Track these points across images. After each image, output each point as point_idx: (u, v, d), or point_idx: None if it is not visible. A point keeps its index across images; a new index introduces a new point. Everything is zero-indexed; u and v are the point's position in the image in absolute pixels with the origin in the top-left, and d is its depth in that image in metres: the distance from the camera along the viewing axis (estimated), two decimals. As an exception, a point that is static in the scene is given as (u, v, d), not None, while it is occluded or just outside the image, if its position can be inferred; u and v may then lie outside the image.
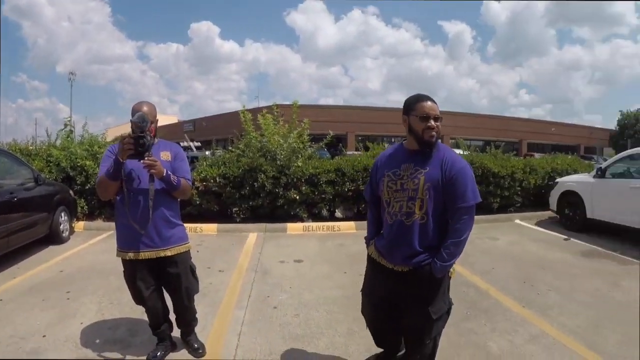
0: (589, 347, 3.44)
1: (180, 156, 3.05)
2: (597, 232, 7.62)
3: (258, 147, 8.66)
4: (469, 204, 2.27)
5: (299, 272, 5.45)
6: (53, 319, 3.95)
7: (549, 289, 4.76)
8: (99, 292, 4.61)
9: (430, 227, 2.34)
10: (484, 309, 4.19)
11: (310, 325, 3.84)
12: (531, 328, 3.79)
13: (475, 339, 3.59)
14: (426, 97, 2.36)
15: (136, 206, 2.83)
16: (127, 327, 3.77)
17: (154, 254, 2.90)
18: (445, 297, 2.47)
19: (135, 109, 2.78)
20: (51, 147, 9.40)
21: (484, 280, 5.02)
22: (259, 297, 4.52)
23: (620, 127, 51.75)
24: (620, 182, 7.34)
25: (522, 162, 10.13)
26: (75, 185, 8.43)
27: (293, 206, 8.22)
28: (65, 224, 7.14)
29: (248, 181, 8.08)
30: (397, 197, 2.39)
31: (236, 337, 3.60)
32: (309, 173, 8.22)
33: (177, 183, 2.85)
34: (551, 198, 8.89)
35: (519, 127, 46.97)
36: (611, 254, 6.38)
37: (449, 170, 2.27)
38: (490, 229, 8.16)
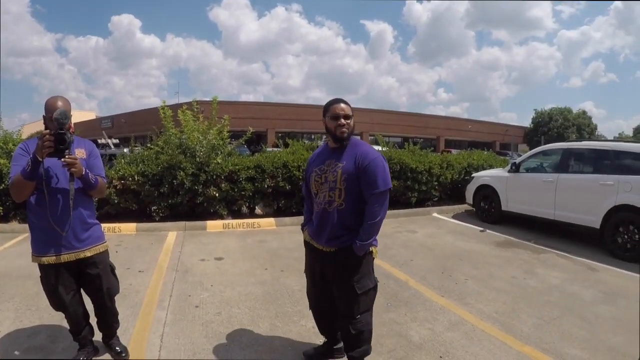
0: (506, 332, 3.78)
1: (95, 153, 2.98)
2: (511, 224, 8.31)
3: (177, 143, 8.53)
4: (380, 190, 2.63)
5: (220, 269, 5.51)
6: (-33, 330, 3.76)
7: (467, 278, 5.15)
8: (15, 299, 4.44)
9: (347, 211, 2.72)
10: (404, 300, 4.46)
11: (233, 322, 3.93)
12: (451, 316, 4.10)
13: (397, 328, 3.83)
14: (338, 100, 2.79)
15: (55, 206, 2.72)
16: (47, 334, 3.68)
17: (74, 255, 2.83)
18: (370, 276, 2.81)
19: (50, 104, 2.70)
20: (-37, 145, 8.73)
21: (403, 272, 5.32)
22: (180, 297, 4.53)
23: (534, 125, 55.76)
24: (533, 176, 7.99)
25: (439, 157, 10.71)
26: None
27: (213, 203, 8.22)
28: (-24, 227, 6.69)
29: (167, 179, 7.98)
30: (322, 189, 2.80)
31: (159, 338, 3.61)
32: (228, 170, 8.24)
33: (95, 182, 2.80)
34: (467, 192, 9.55)
35: (437, 124, 48.92)
36: (525, 243, 7.01)
37: (361, 162, 2.65)
38: (409, 222, 8.65)
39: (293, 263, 5.69)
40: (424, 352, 3.44)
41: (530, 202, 7.85)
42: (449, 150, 26.41)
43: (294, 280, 5.00)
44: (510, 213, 8.32)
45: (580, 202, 6.90)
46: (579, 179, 7.07)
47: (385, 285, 4.78)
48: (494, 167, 10.91)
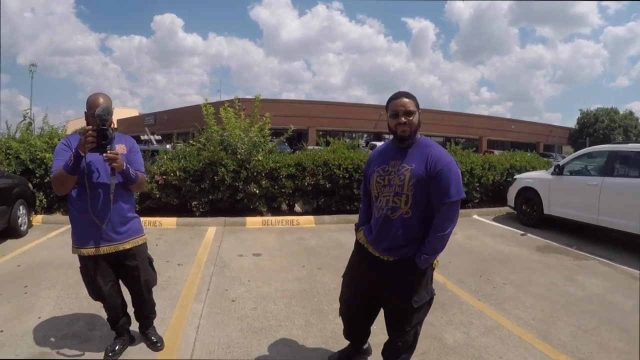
0: (543, 339, 3.58)
1: (135, 149, 3.02)
2: (553, 228, 7.93)
3: (219, 140, 8.57)
4: (453, 199, 2.30)
5: (258, 265, 5.48)
6: (9, 314, 3.87)
7: (505, 283, 4.93)
8: (57, 287, 4.54)
9: (414, 221, 2.40)
10: (441, 302, 4.27)
11: (268, 317, 3.89)
12: (487, 320, 3.92)
13: (431, 330, 3.68)
14: (400, 94, 2.45)
15: (96, 200, 2.77)
16: (85, 321, 3.73)
17: (113, 247, 2.87)
18: (427, 288, 2.54)
19: (92, 101, 2.73)
20: (10, 140, 9.08)
21: (441, 274, 5.13)
22: (217, 291, 4.53)
23: (579, 126, 53.57)
24: (577, 179, 7.58)
25: (481, 158, 10.38)
26: (34, 178, 8.18)
27: (253, 200, 8.22)
28: (24, 217, 6.94)
29: (208, 175, 8.03)
30: (384, 192, 2.46)
31: (194, 329, 3.61)
32: (269, 167, 8.21)
33: (135, 176, 2.83)
34: (509, 194, 9.15)
35: (479, 124, 47.80)
36: (566, 249, 6.66)
37: (433, 167, 2.32)
38: None
39: (330, 261, 5.60)
40: (458, 356, 3.32)
41: (573, 206, 7.45)
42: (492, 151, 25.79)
43: (331, 278, 4.88)
44: (553, 217, 7.93)
45: (625, 207, 6.49)
46: (624, 183, 6.65)
47: None
48: (537, 169, 10.47)
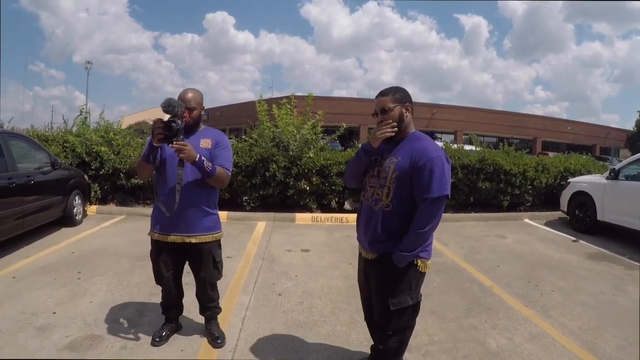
0: (588, 350, 3.43)
1: (222, 144, 3.02)
2: (606, 235, 7.53)
3: (271, 137, 8.73)
4: (433, 195, 2.22)
5: (306, 261, 5.52)
6: (63, 297, 4.08)
7: (553, 290, 4.75)
8: (109, 273, 4.75)
9: (394, 215, 2.35)
10: (487, 306, 4.20)
11: (314, 313, 3.91)
12: (532, 327, 3.79)
13: (475, 334, 3.61)
14: (380, 92, 2.46)
15: (165, 189, 2.91)
16: (135, 308, 3.88)
17: (180, 238, 2.97)
18: (411, 291, 2.42)
19: (181, 96, 2.88)
20: (67, 134, 9.60)
21: (488, 278, 5.02)
22: (264, 284, 4.60)
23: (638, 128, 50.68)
24: (633, 184, 7.16)
25: (534, 160, 10.00)
26: (90, 170, 8.59)
27: (303, 196, 8.28)
28: (79, 207, 7.31)
29: (260, 171, 8.13)
30: (371, 182, 2.48)
31: (240, 321, 3.68)
32: (320, 164, 8.22)
33: (211, 170, 2.82)
34: (562, 198, 8.75)
35: (533, 124, 45.94)
36: (619, 257, 6.30)
37: (417, 161, 2.27)
38: (499, 226, 8.17)
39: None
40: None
41: (628, 213, 6.98)
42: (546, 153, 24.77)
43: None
44: (606, 223, 7.47)
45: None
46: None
47: (468, 290, 4.61)
48: (593, 172, 9.99)
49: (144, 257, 5.23)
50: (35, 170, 6.18)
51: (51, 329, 3.43)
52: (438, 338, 3.51)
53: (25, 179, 5.68)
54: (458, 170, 8.67)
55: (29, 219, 5.76)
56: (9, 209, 5.27)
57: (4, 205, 5.20)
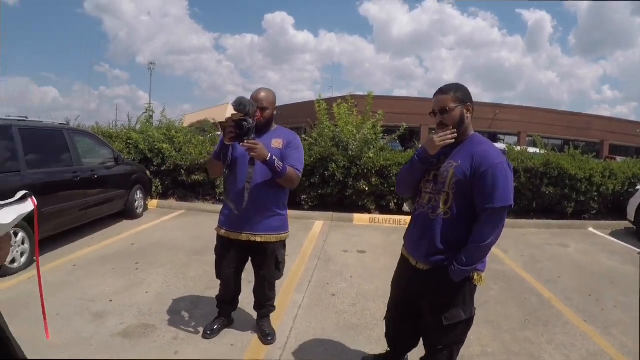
0: None
1: (294, 144, 3.00)
2: None
3: (331, 136, 8.67)
4: (496, 206, 2.06)
5: (362, 262, 5.41)
6: (121, 286, 4.19)
7: (615, 305, 4.39)
8: (166, 266, 4.84)
9: (453, 224, 2.19)
10: (544, 319, 3.95)
11: (366, 315, 3.81)
12: (590, 345, 3.52)
13: (530, 348, 3.41)
14: (438, 90, 2.28)
15: (235, 187, 2.92)
16: (189, 300, 3.92)
17: (245, 236, 2.96)
18: (465, 306, 2.28)
19: (253, 95, 2.89)
20: (131, 131, 10.03)
21: (547, 289, 4.73)
22: (319, 284, 4.54)
23: None
24: None
25: (601, 165, 9.31)
26: (151, 166, 8.91)
27: (361, 197, 8.17)
28: (140, 201, 7.57)
29: (319, 170, 8.10)
30: (427, 188, 2.32)
31: (292, 319, 3.64)
32: (379, 165, 8.10)
33: (282, 170, 2.80)
34: (629, 207, 8.07)
35: (600, 126, 42.87)
36: None
37: (478, 166, 2.09)
38: (561, 234, 7.71)
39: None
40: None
41: None
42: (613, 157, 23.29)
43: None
44: None
45: None
46: None
47: (526, 301, 4.35)
48: None
49: (201, 251, 5.35)
50: (99, 165, 6.47)
51: (106, 315, 3.53)
52: (491, 349, 3.33)
53: (90, 173, 5.96)
54: (521, 173, 8.29)
55: (92, 211, 6.04)
56: (73, 201, 5.55)
57: (69, 198, 5.48)
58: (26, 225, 4.63)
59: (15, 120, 5.10)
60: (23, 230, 4.63)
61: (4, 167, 4.59)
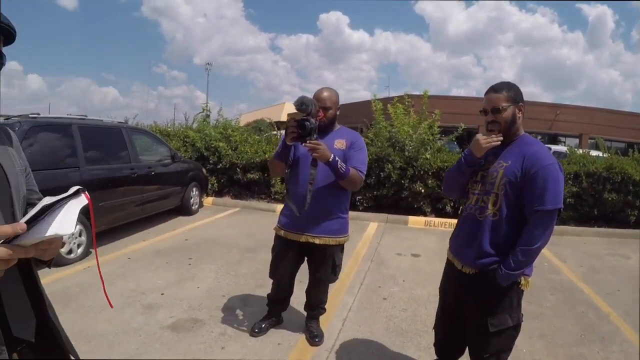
0: None
1: (357, 145, 2.93)
2: None
3: (387, 137, 8.55)
4: (547, 208, 1.98)
5: (415, 266, 5.28)
6: (173, 280, 4.28)
7: None
8: (218, 262, 4.90)
9: (502, 226, 2.11)
10: (601, 335, 3.68)
11: (417, 321, 3.68)
12: None
13: None
14: (490, 88, 2.20)
15: (296, 188, 2.87)
16: (240, 297, 3.94)
17: (304, 238, 2.91)
18: (512, 311, 2.18)
19: (316, 95, 2.84)
20: (188, 129, 10.31)
21: (606, 303, 4.40)
22: (370, 287, 4.45)
23: None
24: None
25: None
26: (208, 164, 9.12)
27: (417, 199, 8.00)
28: (196, 198, 7.76)
29: (375, 170, 7.98)
30: (474, 189, 2.24)
31: (341, 321, 3.58)
32: (436, 166, 7.89)
33: (345, 171, 2.72)
34: None
35: None
36: None
37: (529, 167, 2.02)
38: (622, 245, 7.16)
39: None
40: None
41: None
42: None
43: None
44: None
45: None
46: None
47: (584, 315, 4.05)
48: None
49: (253, 249, 5.38)
50: (156, 163, 6.68)
51: (157, 308, 3.60)
52: (543, 365, 3.13)
53: (147, 170, 6.16)
54: (583, 178, 7.84)
55: (148, 206, 6.24)
56: (130, 197, 5.77)
57: (126, 193, 5.69)
58: (84, 218, 4.81)
59: (75, 119, 5.33)
60: (80, 223, 4.83)
61: (64, 164, 4.81)
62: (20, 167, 1.21)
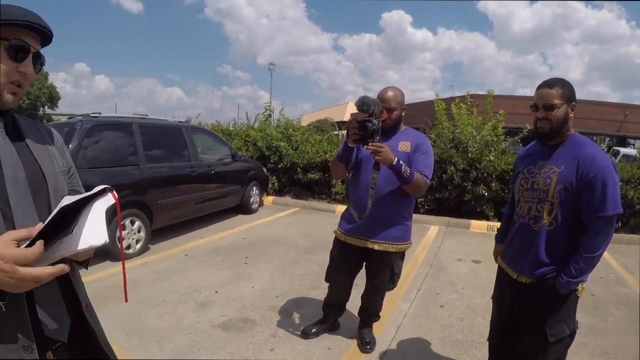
0: None
1: (423, 148, 2.78)
2: None
3: (450, 138, 8.32)
4: (608, 214, 1.88)
5: (475, 273, 5.07)
6: (228, 278, 4.33)
7: None
8: (274, 262, 4.91)
9: (559, 235, 2.01)
10: None
11: (474, 332, 3.51)
12: None
13: None
14: (544, 83, 2.05)
15: (357, 192, 2.81)
16: (294, 299, 3.92)
17: (362, 242, 2.83)
18: (569, 319, 2.08)
19: (380, 95, 2.76)
20: (249, 129, 10.49)
21: None
22: (427, 293, 4.31)
23: None
24: None
25: None
26: (269, 163, 9.25)
27: (480, 203, 7.72)
28: (256, 197, 7.86)
29: (437, 172, 7.75)
30: (526, 197, 2.12)
31: (395, 328, 3.47)
32: (500, 169, 7.58)
33: (409, 176, 2.58)
34: None
35: None
36: None
37: (586, 171, 1.91)
38: None
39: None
40: None
41: None
42: None
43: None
44: None
45: None
46: None
47: None
48: None
49: (310, 249, 5.37)
50: (217, 162, 6.83)
51: (210, 306, 3.64)
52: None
53: (207, 169, 6.31)
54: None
55: (208, 205, 6.38)
56: (189, 194, 5.91)
57: (185, 191, 5.85)
58: (143, 215, 5.03)
59: (135, 118, 5.55)
60: (139, 219, 5.01)
61: (124, 162, 4.99)
62: (62, 167, 1.23)
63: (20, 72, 1.04)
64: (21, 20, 1.02)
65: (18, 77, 1.05)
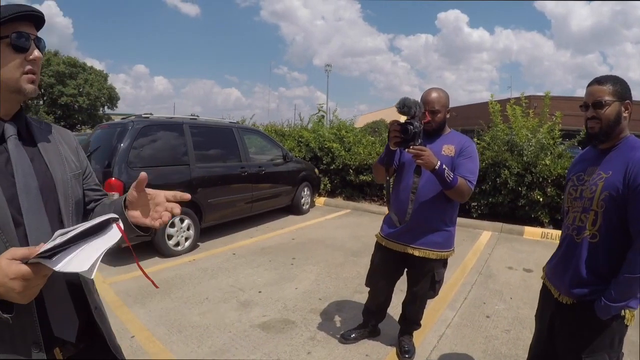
0: None
1: (467, 152, 2.67)
2: None
3: (505, 140, 8.05)
4: None
5: (526, 283, 4.86)
6: (272, 279, 4.38)
7: None
8: (321, 264, 4.94)
9: (602, 248, 1.79)
10: None
11: (518, 346, 3.35)
12: None
13: None
14: (593, 80, 1.88)
15: (398, 197, 2.77)
16: (336, 302, 3.92)
17: (402, 247, 2.78)
18: (612, 349, 1.84)
19: (423, 97, 2.69)
20: (303, 130, 10.57)
21: None
22: (474, 302, 4.18)
23: None
24: None
25: None
26: (321, 164, 9.32)
27: (535, 208, 7.44)
28: (307, 198, 7.94)
29: (490, 176, 7.61)
30: (574, 206, 1.94)
31: (437, 338, 3.39)
32: (556, 173, 7.26)
33: (452, 181, 2.49)
34: None
35: None
36: None
37: (634, 177, 1.68)
38: None
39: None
40: None
41: None
42: None
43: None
44: None
45: None
46: None
47: None
48: None
49: (358, 252, 5.36)
50: (268, 162, 6.94)
51: (252, 306, 3.71)
52: None
53: (257, 169, 6.42)
54: None
55: (258, 204, 6.51)
56: (239, 194, 6.05)
57: (235, 191, 5.98)
58: (192, 213, 5.19)
59: (186, 119, 5.72)
60: (189, 217, 5.18)
61: (175, 161, 5.16)
62: (75, 170, 1.26)
63: (29, 60, 1.08)
64: (14, 13, 1.05)
65: (30, 66, 1.09)
